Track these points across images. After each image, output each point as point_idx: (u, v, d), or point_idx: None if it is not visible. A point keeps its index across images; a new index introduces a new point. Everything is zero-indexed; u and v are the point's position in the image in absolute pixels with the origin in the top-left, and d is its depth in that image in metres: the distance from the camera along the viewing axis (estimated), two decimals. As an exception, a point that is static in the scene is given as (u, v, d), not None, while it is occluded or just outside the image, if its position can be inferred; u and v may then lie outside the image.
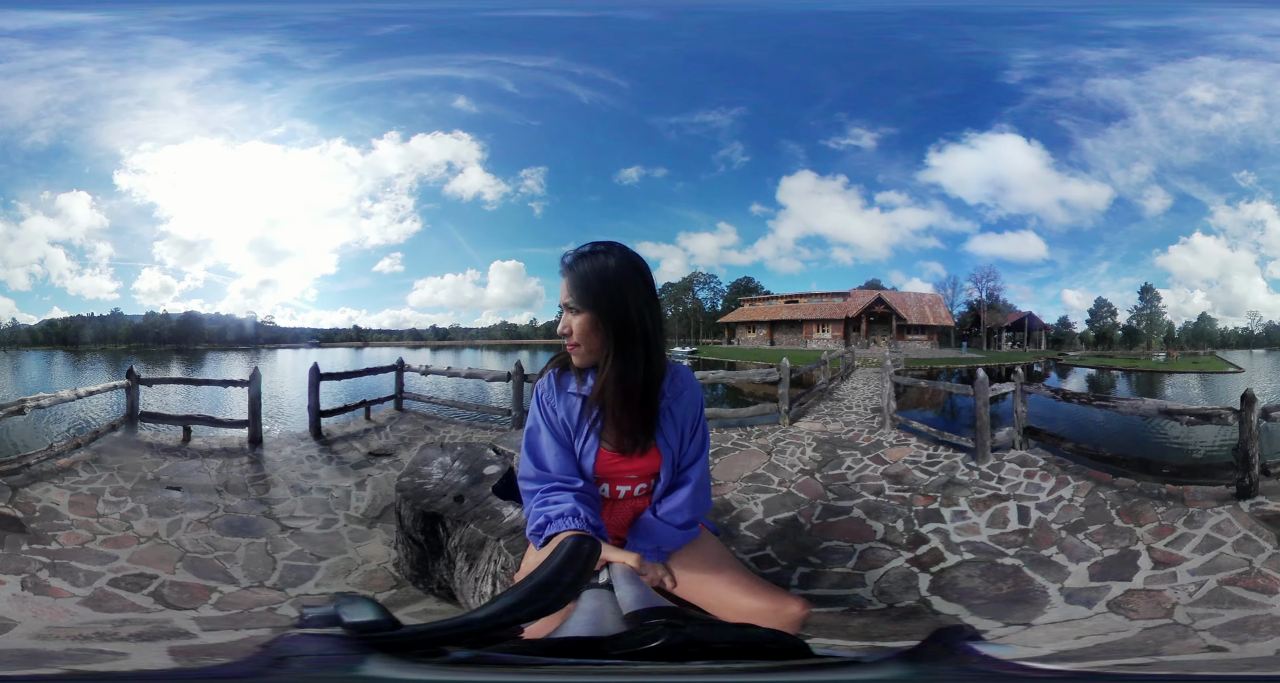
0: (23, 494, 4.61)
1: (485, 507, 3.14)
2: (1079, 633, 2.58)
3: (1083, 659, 2.22)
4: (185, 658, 2.43)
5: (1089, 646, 2.40)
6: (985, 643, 0.79)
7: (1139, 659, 2.26)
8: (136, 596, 3.37)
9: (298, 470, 6.09)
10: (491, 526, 2.93)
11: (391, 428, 7.93)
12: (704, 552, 1.75)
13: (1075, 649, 2.34)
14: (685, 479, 1.74)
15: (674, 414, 1.71)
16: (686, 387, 1.74)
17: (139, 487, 5.14)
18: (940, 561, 3.60)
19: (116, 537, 4.14)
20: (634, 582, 1.17)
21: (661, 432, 1.69)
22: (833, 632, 2.79)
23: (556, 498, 1.59)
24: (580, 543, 0.97)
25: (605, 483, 1.71)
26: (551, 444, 1.66)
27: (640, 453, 1.69)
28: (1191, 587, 3.04)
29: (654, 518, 1.73)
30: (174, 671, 2.02)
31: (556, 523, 1.53)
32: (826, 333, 29.62)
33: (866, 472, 5.41)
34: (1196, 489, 4.21)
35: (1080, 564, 3.41)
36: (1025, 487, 4.72)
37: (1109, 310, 33.32)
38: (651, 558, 1.67)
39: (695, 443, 1.76)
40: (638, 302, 1.58)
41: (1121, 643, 2.41)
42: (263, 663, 0.65)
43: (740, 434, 6.92)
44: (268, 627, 3.02)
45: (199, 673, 1.38)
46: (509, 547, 2.67)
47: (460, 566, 2.96)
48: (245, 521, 4.66)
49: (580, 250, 1.61)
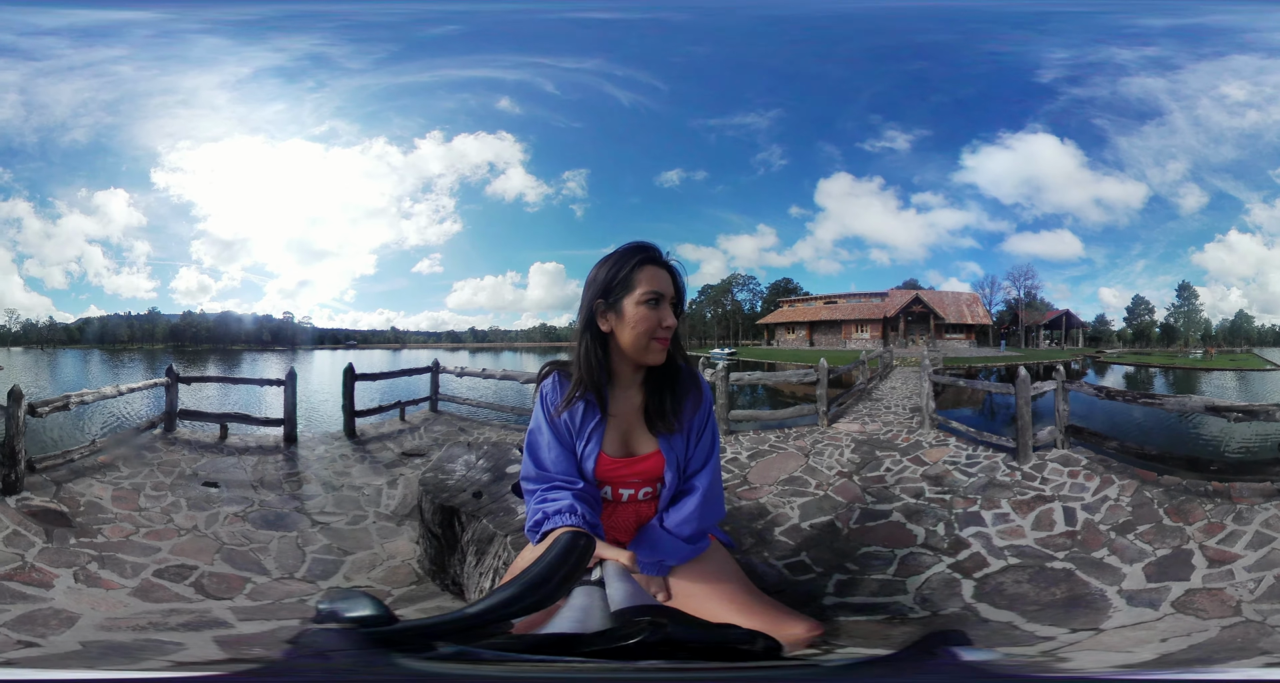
0: (67, 489, 4.73)
1: (501, 504, 3.15)
2: (1159, 635, 2.48)
3: (1187, 665, 2.13)
4: (229, 648, 2.48)
5: (1184, 648, 2.30)
6: (970, 649, 0.76)
7: (1240, 662, 2.18)
8: (179, 586, 3.45)
9: (330, 469, 6.17)
10: (503, 522, 2.93)
11: (426, 429, 7.99)
12: (705, 567, 1.69)
13: (1175, 653, 2.25)
14: (692, 487, 1.70)
15: (681, 413, 1.68)
16: (693, 388, 1.72)
17: (178, 482, 5.26)
18: (984, 566, 3.48)
19: (158, 530, 4.23)
20: (625, 580, 1.15)
21: (665, 434, 1.67)
22: (873, 642, 2.72)
23: (555, 496, 1.58)
24: (575, 539, 0.95)
25: (607, 486, 1.69)
26: (553, 445, 1.64)
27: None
28: (1250, 583, 2.95)
29: (660, 529, 1.69)
30: (212, 662, 2.05)
31: (554, 519, 1.52)
32: (865, 333, 29.38)
33: (905, 473, 5.29)
34: (1242, 486, 4.07)
35: (1134, 565, 3.28)
36: (1069, 487, 4.56)
37: (1146, 308, 32.65)
38: (651, 572, 1.64)
39: (702, 448, 1.72)
40: None
41: (1209, 644, 2.31)
42: (292, 657, 0.65)
43: (778, 436, 6.82)
44: (296, 617, 3.06)
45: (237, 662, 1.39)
46: (514, 544, 2.67)
47: (470, 560, 2.97)
48: (279, 515, 4.74)
49: (658, 248, 1.64)
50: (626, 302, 1.58)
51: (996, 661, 0.89)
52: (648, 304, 1.57)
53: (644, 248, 1.62)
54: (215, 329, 35.08)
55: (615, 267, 1.60)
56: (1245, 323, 30.29)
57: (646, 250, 1.61)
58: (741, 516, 4.39)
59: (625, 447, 1.68)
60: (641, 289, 1.57)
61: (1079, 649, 2.31)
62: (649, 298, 1.57)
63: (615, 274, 1.59)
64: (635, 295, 1.57)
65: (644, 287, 1.57)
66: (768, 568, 3.51)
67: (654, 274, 1.59)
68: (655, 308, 1.57)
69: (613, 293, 1.60)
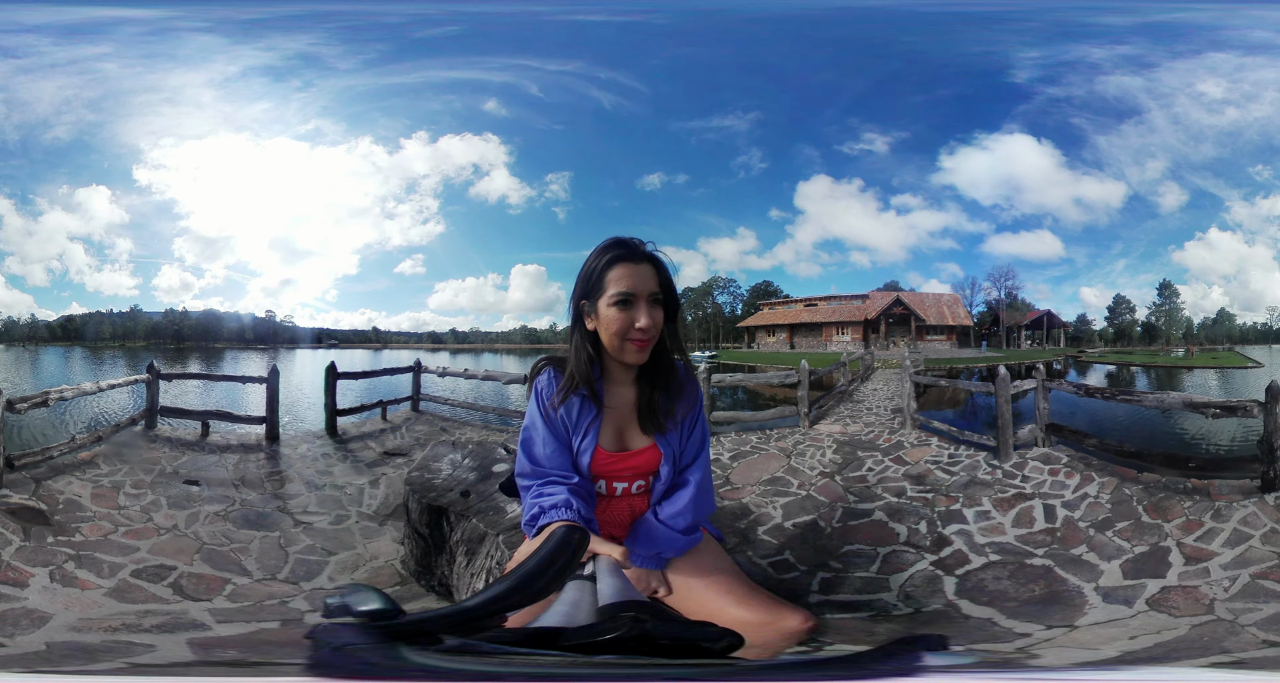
0: (46, 487, 4.66)
1: (490, 503, 3.13)
2: (1129, 633, 2.52)
3: (1150, 663, 2.16)
4: (202, 650, 2.45)
5: (1149, 645, 2.34)
6: (943, 653, 0.76)
7: (1205, 658, 2.22)
8: (157, 586, 3.40)
9: (312, 467, 6.12)
10: (493, 521, 2.92)
11: (407, 428, 7.95)
12: (701, 559, 1.70)
13: (1139, 650, 2.28)
14: (685, 481, 1.71)
15: (675, 412, 1.68)
16: (687, 383, 1.72)
17: (158, 480, 5.19)
18: (966, 563, 3.53)
19: (137, 529, 4.18)
20: (616, 575, 1.16)
21: (661, 428, 1.67)
22: (857, 638, 2.74)
23: (550, 491, 1.57)
24: (569, 534, 0.95)
25: (602, 480, 1.68)
26: (549, 440, 1.63)
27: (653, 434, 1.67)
28: (1225, 582, 3.00)
29: (655, 521, 1.69)
30: (179, 664, 2.03)
31: (550, 513, 1.51)
32: (846, 335, 29.48)
33: (888, 473, 5.33)
34: (1221, 483, 4.15)
35: (1112, 563, 3.34)
36: (1049, 485, 4.63)
37: (1128, 307, 33.02)
38: (649, 565, 1.65)
39: (694, 443, 1.73)
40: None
41: (1175, 642, 2.35)
42: (308, 652, 0.67)
43: (759, 437, 6.84)
44: (278, 619, 3.03)
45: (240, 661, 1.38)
46: (507, 543, 2.66)
47: (460, 560, 2.96)
48: (260, 514, 4.69)
49: (637, 241, 1.58)
50: (600, 303, 1.55)
51: (972, 663, 0.89)
52: (618, 306, 1.52)
53: (617, 245, 1.56)
54: (198, 327, 34.69)
55: (589, 265, 1.57)
56: (1227, 321, 30.71)
57: (618, 247, 1.56)
58: (724, 515, 4.41)
59: (620, 441, 1.68)
60: (611, 290, 1.53)
61: (1050, 646, 2.35)
62: (618, 299, 1.52)
63: (590, 273, 1.57)
64: (606, 297, 1.54)
65: (613, 288, 1.53)
66: (752, 567, 3.54)
67: (625, 273, 1.53)
68: (626, 309, 1.52)
69: (590, 293, 1.57)
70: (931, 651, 0.76)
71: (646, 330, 1.53)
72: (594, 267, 1.55)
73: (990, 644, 2.57)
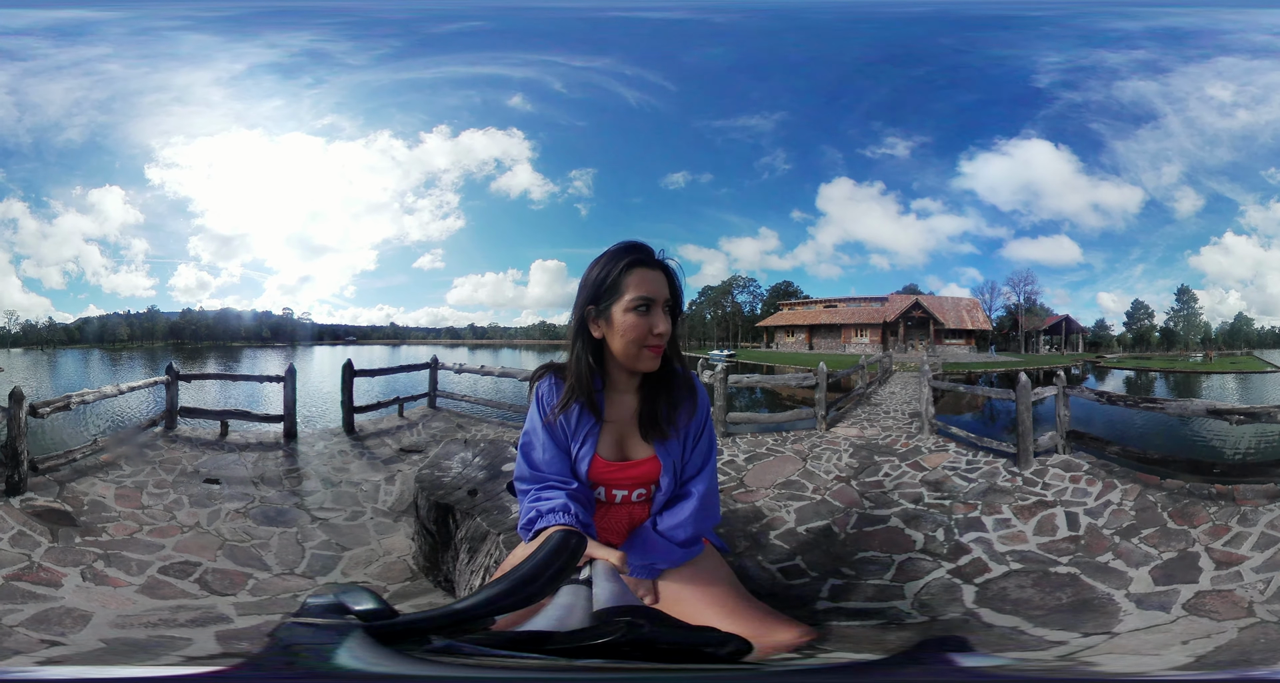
0: (70, 489, 4.74)
1: (496, 502, 3.15)
2: (1178, 638, 2.48)
3: (1217, 667, 2.12)
4: (228, 643, 2.48)
5: (1210, 650, 2.29)
6: (972, 654, 0.74)
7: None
8: (184, 582, 3.46)
9: (329, 465, 6.18)
10: (496, 520, 2.93)
11: (424, 425, 7.99)
12: (696, 570, 1.66)
13: (1207, 654, 2.24)
14: (688, 492, 1.68)
15: (677, 419, 1.65)
16: (690, 393, 1.68)
17: (180, 479, 5.27)
18: (986, 571, 3.48)
19: (162, 527, 4.25)
20: (613, 579, 1.15)
21: (662, 434, 1.64)
22: (867, 646, 2.71)
23: (548, 495, 1.56)
24: (566, 538, 0.95)
25: (601, 487, 1.67)
26: (548, 446, 1.62)
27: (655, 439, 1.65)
28: (1260, 584, 2.95)
29: (653, 532, 1.66)
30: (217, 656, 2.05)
31: (547, 517, 1.50)
32: (864, 337, 29.38)
33: (904, 478, 5.28)
34: (1246, 488, 4.09)
35: (1140, 569, 3.28)
36: (1071, 492, 4.56)
37: (1146, 312, 32.67)
38: (641, 574, 1.62)
39: (699, 453, 1.69)
40: None
41: (1229, 645, 2.30)
42: (268, 650, 0.66)
43: (775, 439, 6.81)
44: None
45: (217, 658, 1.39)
46: (506, 542, 2.66)
47: (463, 558, 2.98)
48: (279, 511, 4.76)
49: (650, 248, 1.56)
50: (615, 308, 1.52)
51: (1006, 666, 0.87)
52: (636, 311, 1.50)
53: (633, 249, 1.53)
54: (215, 326, 35.00)
55: (603, 270, 1.53)
56: (1245, 325, 30.33)
57: (636, 252, 1.53)
58: (737, 518, 4.39)
59: (620, 451, 1.66)
60: (630, 295, 1.50)
61: (1097, 654, 2.31)
62: (637, 304, 1.49)
63: (604, 279, 1.53)
64: (624, 302, 1.50)
65: (632, 292, 1.50)
66: (761, 571, 3.51)
67: (644, 278, 1.51)
68: (645, 314, 1.51)
69: (602, 299, 1.54)
70: (958, 653, 0.75)
71: (664, 336, 1.52)
72: (609, 271, 1.52)
73: (1020, 652, 2.53)
